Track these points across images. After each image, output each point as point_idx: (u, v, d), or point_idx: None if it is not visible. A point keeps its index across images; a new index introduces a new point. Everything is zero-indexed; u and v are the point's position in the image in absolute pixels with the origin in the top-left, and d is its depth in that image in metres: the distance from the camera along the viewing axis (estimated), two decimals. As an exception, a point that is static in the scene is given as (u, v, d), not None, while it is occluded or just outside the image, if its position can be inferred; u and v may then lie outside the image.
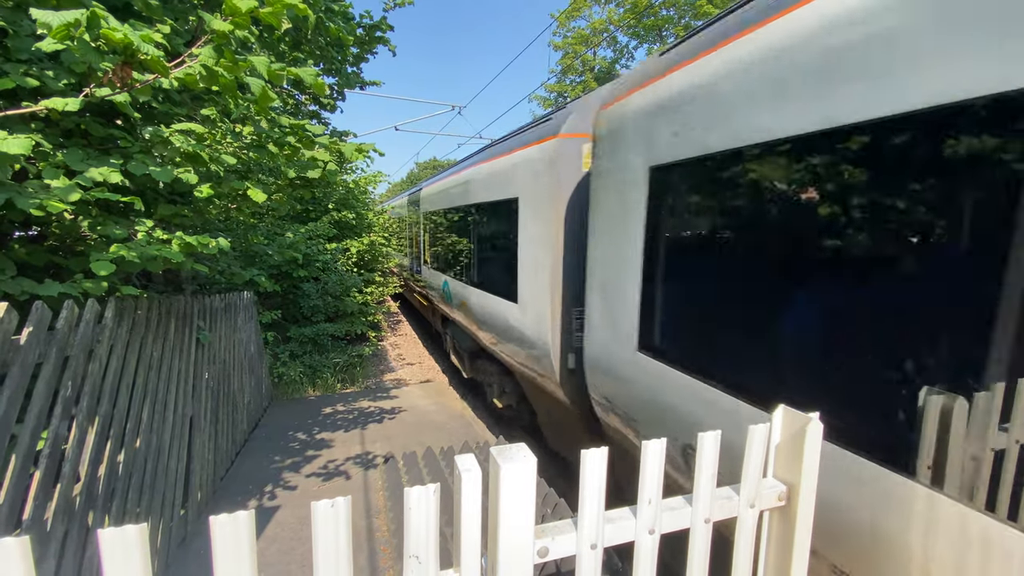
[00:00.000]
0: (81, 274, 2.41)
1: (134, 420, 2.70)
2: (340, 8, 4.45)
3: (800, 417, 1.35)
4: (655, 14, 19.45)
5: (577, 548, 1.17)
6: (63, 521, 2.03)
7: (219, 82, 1.82)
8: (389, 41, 5.27)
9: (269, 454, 4.85)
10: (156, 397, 2.98)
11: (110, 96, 1.88)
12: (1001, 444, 1.18)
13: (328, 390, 7.45)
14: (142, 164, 2.33)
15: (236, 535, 0.83)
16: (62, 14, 1.44)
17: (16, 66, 2.07)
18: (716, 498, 1.33)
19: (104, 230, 2.40)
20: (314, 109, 6.46)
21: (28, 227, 2.78)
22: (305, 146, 3.24)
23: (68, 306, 2.16)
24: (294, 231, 7.87)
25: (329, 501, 0.90)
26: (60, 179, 2.03)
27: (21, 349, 1.84)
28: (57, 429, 2.03)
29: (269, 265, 6.98)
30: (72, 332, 2.19)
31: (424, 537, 0.99)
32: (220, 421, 4.24)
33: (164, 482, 3.03)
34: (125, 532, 0.77)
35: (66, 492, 2.06)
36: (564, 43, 23.06)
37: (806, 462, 1.34)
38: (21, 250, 2.55)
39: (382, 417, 6.01)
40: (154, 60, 1.64)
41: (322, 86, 2.07)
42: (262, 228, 6.95)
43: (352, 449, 4.99)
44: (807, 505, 1.37)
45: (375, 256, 10.71)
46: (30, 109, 1.80)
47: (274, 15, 1.63)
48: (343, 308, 8.99)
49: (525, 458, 1.07)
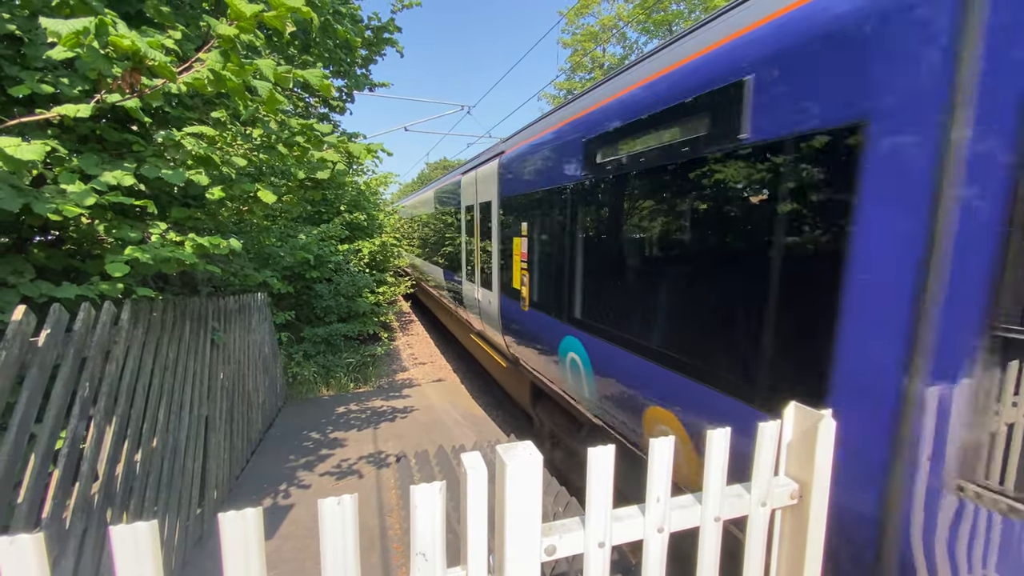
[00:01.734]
0: (98, 277, 2.46)
1: (151, 420, 2.74)
2: (348, 10, 4.48)
3: (812, 414, 1.33)
4: (665, 9, 19.27)
5: (585, 546, 1.16)
6: (82, 519, 2.07)
7: (227, 86, 1.85)
8: (397, 42, 5.29)
9: (284, 453, 4.91)
10: (172, 397, 3.03)
11: (121, 102, 1.92)
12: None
13: (341, 389, 7.52)
14: (155, 167, 2.37)
15: (244, 532, 0.84)
16: (71, 22, 1.47)
17: (32, 73, 2.11)
18: (726, 496, 1.32)
19: (119, 233, 2.44)
20: (324, 111, 6.51)
21: (47, 232, 2.85)
22: (314, 146, 3.26)
23: (85, 308, 2.20)
24: (307, 233, 7.95)
25: (336, 499, 0.91)
26: (76, 184, 2.07)
27: (39, 350, 1.88)
28: (75, 429, 2.07)
29: (282, 267, 7.06)
30: (89, 334, 2.23)
31: (430, 534, 0.99)
32: (235, 421, 4.30)
33: (181, 481, 3.08)
34: (136, 529, 0.78)
35: (84, 491, 2.10)
36: (573, 40, 22.95)
37: (818, 459, 1.32)
38: (40, 254, 2.61)
39: (394, 416, 6.05)
40: (162, 66, 1.67)
41: (328, 87, 2.09)
42: (275, 230, 7.03)
43: (365, 448, 5.03)
44: (820, 504, 1.35)
45: (387, 256, 10.79)
46: (44, 116, 1.84)
47: (278, 18, 1.64)
48: (355, 308, 9.06)
49: (531, 456, 1.07)
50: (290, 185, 3.74)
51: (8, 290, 2.16)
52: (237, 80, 1.84)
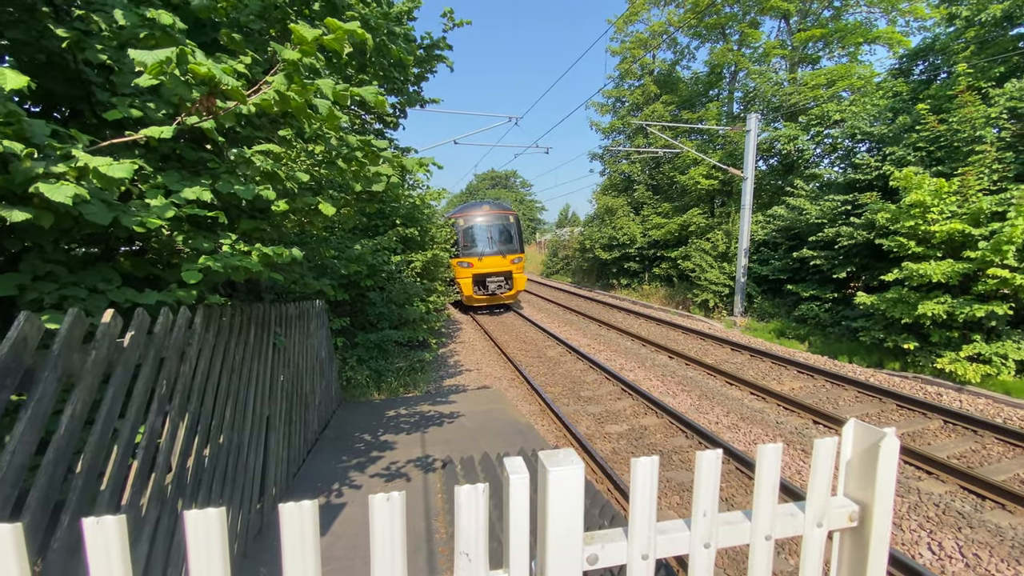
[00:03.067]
0: (175, 284, 2.67)
1: (218, 418, 2.94)
2: (402, 31, 4.67)
3: (874, 432, 1.26)
4: (718, 12, 18.80)
5: (628, 558, 1.15)
6: (156, 507, 2.24)
7: (291, 105, 1.98)
8: (448, 59, 5.46)
9: (337, 454, 5.10)
10: (237, 397, 3.23)
11: (198, 123, 2.09)
12: None
13: (392, 393, 7.73)
14: (228, 183, 2.56)
15: (302, 522, 0.89)
16: (156, 52, 1.63)
17: (123, 99, 2.35)
18: (779, 515, 1.26)
19: (194, 244, 2.65)
20: (379, 128, 6.79)
21: (132, 243, 3.13)
22: (371, 161, 3.42)
23: (164, 312, 2.40)
24: (362, 245, 8.29)
25: (385, 495, 0.95)
26: (158, 198, 2.27)
27: (124, 351, 2.06)
28: (153, 424, 2.26)
29: (339, 275, 7.39)
30: (167, 336, 2.43)
31: (474, 535, 1.02)
32: (293, 421, 4.52)
33: (243, 477, 3.27)
34: (207, 513, 0.85)
35: (159, 481, 2.28)
36: (622, 48, 22.80)
37: (880, 480, 1.25)
38: (126, 263, 2.86)
39: (441, 421, 6.15)
40: (234, 89, 1.81)
41: (383, 103, 2.20)
42: (333, 241, 7.37)
43: (413, 452, 5.15)
44: (882, 527, 1.27)
45: (437, 266, 11.08)
46: (132, 138, 2.03)
47: (336, 41, 1.75)
48: (406, 316, 9.33)
49: (573, 463, 1.07)
50: (347, 198, 3.93)
51: (98, 296, 2.39)
52: (300, 99, 1.97)
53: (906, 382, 8.16)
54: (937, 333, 8.42)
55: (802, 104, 15.48)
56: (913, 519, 4.38)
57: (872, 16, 17.47)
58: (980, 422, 6.01)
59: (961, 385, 7.77)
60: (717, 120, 18.59)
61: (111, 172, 1.65)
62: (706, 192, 18.33)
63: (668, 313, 15.79)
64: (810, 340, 11.27)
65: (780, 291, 13.55)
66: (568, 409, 7.38)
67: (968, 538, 4.06)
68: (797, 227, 12.97)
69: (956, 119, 9.25)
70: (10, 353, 1.48)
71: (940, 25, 11.84)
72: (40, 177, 1.64)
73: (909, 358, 8.90)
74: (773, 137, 15.73)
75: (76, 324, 1.74)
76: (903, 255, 8.97)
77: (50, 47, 2.34)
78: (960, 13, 10.27)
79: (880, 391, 7.27)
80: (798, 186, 13.40)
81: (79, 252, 2.95)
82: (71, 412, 1.72)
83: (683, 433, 6.32)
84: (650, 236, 20.11)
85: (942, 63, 11.75)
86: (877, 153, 11.45)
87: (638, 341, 11.65)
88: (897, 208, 9.01)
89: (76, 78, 2.54)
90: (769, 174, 16.72)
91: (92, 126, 2.68)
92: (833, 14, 17.77)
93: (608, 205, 23.02)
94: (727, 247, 15.54)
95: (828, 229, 11.32)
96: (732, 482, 5.10)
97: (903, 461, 5.33)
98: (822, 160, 15.43)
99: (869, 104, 12.31)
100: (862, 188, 11.35)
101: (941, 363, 8.09)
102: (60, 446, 1.65)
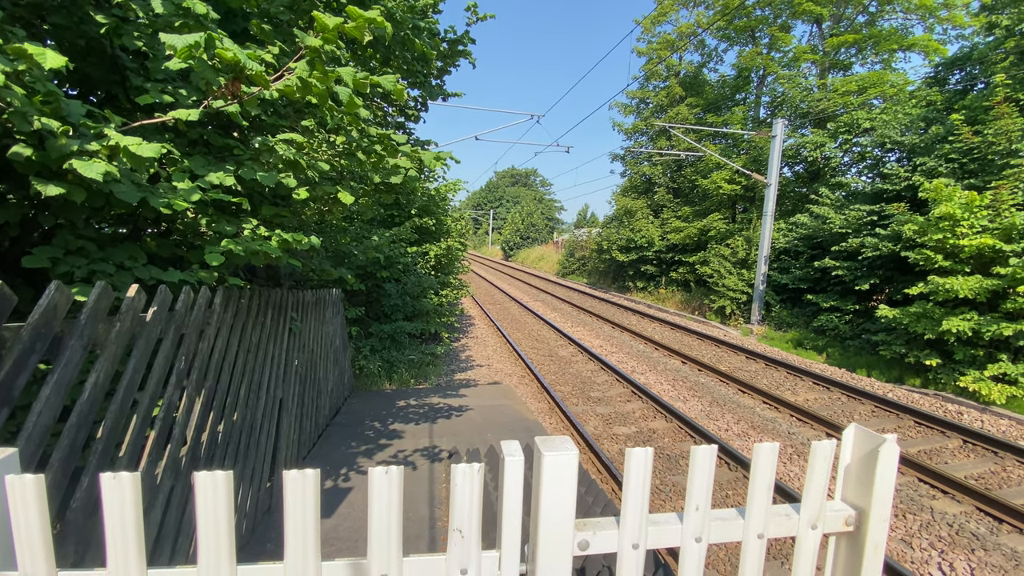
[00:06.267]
0: (197, 265, 2.76)
1: (233, 396, 3.03)
2: (426, 24, 4.73)
3: (874, 437, 1.26)
4: (748, 15, 18.51)
5: (619, 546, 1.17)
6: (170, 477, 2.33)
7: (313, 91, 2.04)
8: (471, 54, 5.50)
9: (347, 440, 5.20)
10: (252, 378, 3.32)
11: (224, 107, 2.16)
12: None
13: (403, 384, 7.83)
14: (251, 170, 2.63)
15: (304, 488, 0.94)
16: (185, 37, 1.70)
17: (156, 84, 2.43)
18: (773, 514, 1.27)
19: (218, 227, 2.74)
20: (400, 120, 6.87)
21: (158, 224, 3.24)
22: (390, 154, 3.48)
23: (185, 291, 2.49)
24: (379, 235, 8.40)
25: (384, 468, 0.99)
26: (185, 182, 2.35)
27: (147, 325, 2.14)
28: (170, 398, 2.34)
29: (356, 265, 7.50)
30: (188, 313, 2.51)
31: (468, 513, 1.05)
32: (305, 405, 4.62)
33: (255, 455, 3.36)
34: (215, 475, 0.90)
35: (174, 453, 2.36)
36: (648, 49, 22.60)
37: (878, 486, 1.24)
38: (152, 243, 2.97)
39: (450, 414, 6.22)
40: (258, 75, 1.87)
41: (401, 91, 2.24)
42: (351, 231, 7.48)
43: (420, 442, 5.21)
44: (879, 533, 1.27)
45: (451, 259, 11.14)
46: (161, 119, 2.11)
47: (357, 28, 1.80)
48: (420, 308, 9.42)
49: (568, 450, 1.10)
50: (366, 188, 4.00)
51: (124, 272, 2.48)
52: (321, 86, 2.03)
53: (926, 399, 7.97)
54: (961, 350, 8.20)
55: (831, 111, 15.17)
56: (924, 537, 4.30)
57: (908, 23, 17.02)
58: (1001, 443, 5.85)
59: (985, 405, 7.56)
60: (742, 124, 18.32)
61: (140, 151, 1.72)
62: (728, 197, 18.09)
63: (684, 318, 15.65)
64: (828, 352, 11.07)
65: (799, 301, 13.32)
66: (577, 409, 7.38)
67: (981, 560, 3.97)
68: (820, 236, 12.73)
69: (991, 131, 8.99)
70: (41, 319, 1.55)
71: (979, 34, 11.50)
72: (74, 154, 1.72)
73: (931, 375, 8.68)
74: (799, 143, 15.45)
75: (103, 296, 1.82)
76: (929, 268, 8.75)
77: (89, 32, 2.44)
78: (1000, 22, 9.96)
79: (898, 407, 7.12)
80: (823, 194, 13.14)
81: (108, 231, 3.06)
82: (94, 380, 1.80)
83: (692, 438, 6.28)
84: (668, 239, 19.93)
85: (980, 73, 11.40)
86: (907, 163, 11.18)
87: (651, 345, 11.58)
88: (925, 220, 8.79)
89: (112, 63, 2.64)
90: (794, 181, 16.43)
91: (125, 110, 2.78)
92: (868, 20, 17.35)
93: (627, 207, 22.89)
94: (747, 254, 15.33)
95: (852, 239, 11.09)
96: (740, 490, 5.06)
97: (917, 479, 5.22)
98: (849, 169, 15.11)
99: (901, 113, 12.01)
100: (889, 199, 11.09)
101: (964, 381, 7.88)
102: (83, 412, 1.73)
